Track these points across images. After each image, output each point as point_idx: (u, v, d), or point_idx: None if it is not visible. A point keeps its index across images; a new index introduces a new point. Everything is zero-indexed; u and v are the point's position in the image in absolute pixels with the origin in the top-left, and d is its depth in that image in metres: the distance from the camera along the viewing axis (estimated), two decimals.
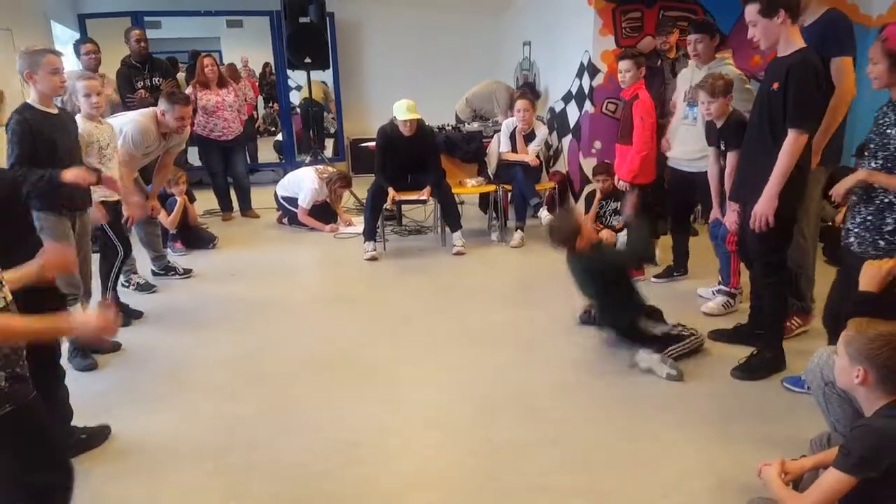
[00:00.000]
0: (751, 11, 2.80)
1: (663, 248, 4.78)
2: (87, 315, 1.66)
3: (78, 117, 3.50)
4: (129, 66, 6.02)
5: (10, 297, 1.68)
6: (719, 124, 3.52)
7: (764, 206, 2.83)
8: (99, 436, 2.66)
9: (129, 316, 3.93)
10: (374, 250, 5.19)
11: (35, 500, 1.78)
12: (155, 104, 5.90)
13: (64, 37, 7.26)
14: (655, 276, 4.51)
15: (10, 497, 1.78)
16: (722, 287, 3.97)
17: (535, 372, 3.23)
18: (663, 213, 5.21)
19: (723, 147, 3.49)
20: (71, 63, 6.66)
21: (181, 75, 7.27)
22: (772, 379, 3.05)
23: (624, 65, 4.36)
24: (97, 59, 5.56)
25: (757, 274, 3.17)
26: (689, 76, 4.09)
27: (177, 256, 5.21)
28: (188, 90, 6.09)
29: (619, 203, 5.12)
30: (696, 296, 4.13)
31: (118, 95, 5.92)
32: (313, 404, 2.96)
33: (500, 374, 3.22)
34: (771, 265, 3.02)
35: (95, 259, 3.68)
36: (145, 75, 6.00)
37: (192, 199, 5.59)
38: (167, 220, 5.18)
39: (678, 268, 4.49)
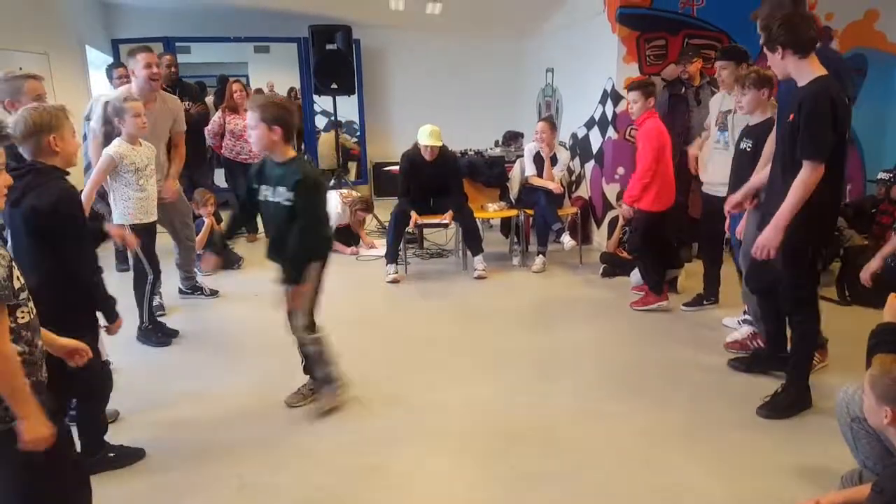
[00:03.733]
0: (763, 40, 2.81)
1: (691, 275, 4.73)
2: (41, 425, 1.61)
3: (116, 142, 3.59)
4: None
5: (34, 312, 1.70)
6: (753, 121, 3.47)
7: (768, 238, 2.75)
8: (131, 457, 2.65)
9: (167, 335, 3.97)
10: (396, 273, 5.21)
11: None
12: (187, 128, 6.08)
13: (98, 61, 7.46)
14: (685, 305, 4.45)
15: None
16: (748, 316, 3.89)
17: (556, 399, 3.21)
18: (687, 239, 5.20)
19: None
20: (103, 86, 6.85)
21: (209, 99, 7.42)
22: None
23: (632, 96, 4.32)
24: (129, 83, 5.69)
25: (785, 310, 3.09)
26: (719, 101, 4.08)
27: (203, 276, 5.27)
28: (217, 114, 6.25)
29: None
30: (722, 325, 4.08)
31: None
32: (334, 427, 2.96)
33: (521, 399, 3.20)
34: (799, 301, 2.93)
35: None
36: None
37: (218, 220, 5.67)
38: (195, 240, 5.24)
39: (708, 296, 4.40)
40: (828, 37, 5.48)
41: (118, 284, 3.85)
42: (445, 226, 5.64)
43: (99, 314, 2.46)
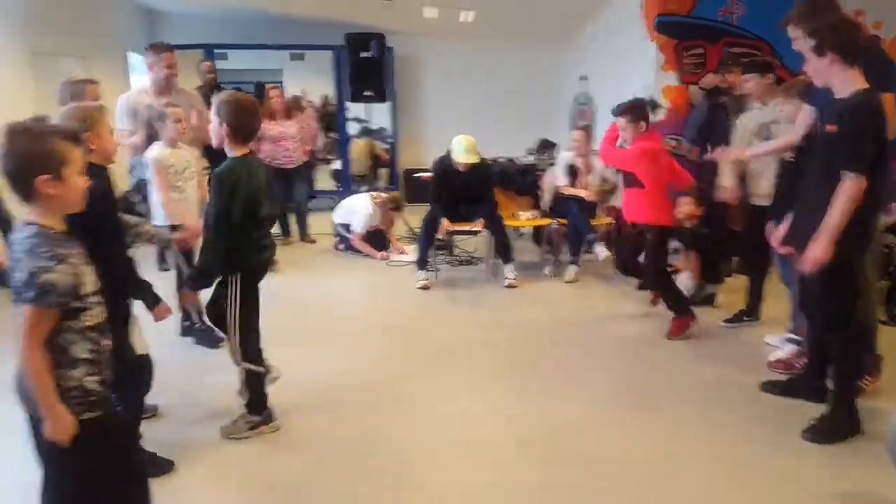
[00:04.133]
0: (802, 45, 2.72)
1: (731, 290, 4.63)
2: (65, 422, 1.67)
3: (157, 145, 3.65)
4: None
5: (104, 315, 1.76)
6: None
7: (816, 252, 2.66)
8: (159, 468, 2.60)
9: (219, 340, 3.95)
10: (426, 279, 5.20)
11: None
12: None
13: (140, 66, 7.61)
14: (725, 321, 4.32)
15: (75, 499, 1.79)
16: (792, 335, 3.75)
17: (584, 413, 3.14)
18: (726, 253, 5.08)
19: None
20: None
21: None
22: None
23: (620, 122, 4.06)
24: None
25: (821, 328, 3.00)
26: (755, 117, 3.99)
27: None
28: None
29: (680, 242, 5.02)
30: (764, 343, 3.96)
31: (209, 119, 6.17)
32: (359, 430, 2.95)
33: (549, 411, 3.15)
34: (835, 318, 2.84)
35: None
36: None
37: None
38: None
39: (750, 312, 4.27)
40: (876, 46, 5.34)
41: (160, 284, 3.93)
42: (476, 233, 5.62)
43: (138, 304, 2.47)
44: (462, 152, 5.06)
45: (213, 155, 5.86)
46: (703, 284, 4.68)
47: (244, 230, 2.69)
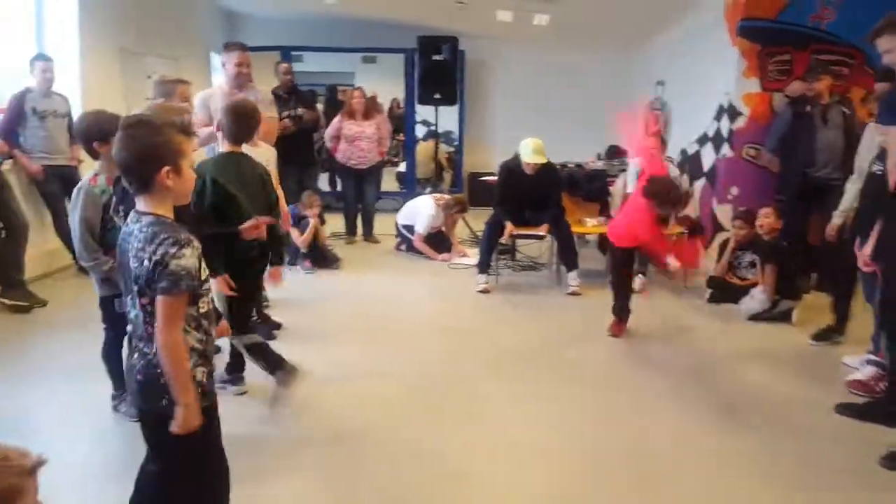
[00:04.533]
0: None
1: (812, 308, 4.42)
2: (195, 414, 1.70)
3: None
4: (276, 96, 6.40)
5: (213, 303, 1.81)
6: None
7: None
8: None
9: (272, 328, 4.07)
10: (487, 283, 5.16)
11: (203, 487, 1.86)
12: (297, 134, 6.31)
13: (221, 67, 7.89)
14: (813, 339, 4.09)
15: (181, 483, 1.83)
16: (872, 356, 3.52)
17: (650, 428, 3.02)
18: (805, 268, 4.84)
19: None
20: None
21: (319, 106, 7.67)
22: None
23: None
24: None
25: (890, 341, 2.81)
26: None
27: (305, 274, 5.47)
28: (336, 118, 6.55)
29: (757, 255, 4.82)
30: (841, 364, 3.73)
31: (278, 119, 6.34)
32: (418, 432, 2.93)
33: (612, 422, 3.04)
34: None
35: None
36: (290, 106, 6.38)
37: (322, 222, 5.84)
38: (300, 239, 5.49)
39: (840, 330, 4.03)
40: None
41: None
42: (541, 238, 5.53)
43: None
44: (530, 153, 4.99)
45: (284, 151, 6.08)
46: (777, 300, 4.47)
47: (218, 221, 2.85)
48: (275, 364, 2.98)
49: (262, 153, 3.83)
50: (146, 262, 1.60)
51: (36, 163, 4.74)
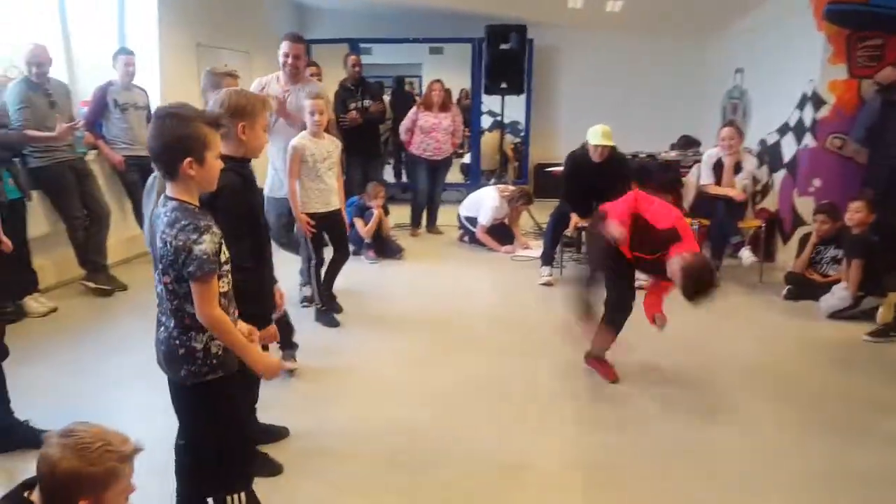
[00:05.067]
0: None
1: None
2: (269, 360, 1.95)
3: (301, 134, 3.81)
4: (344, 88, 6.51)
5: (231, 284, 1.87)
6: None
7: None
8: (275, 435, 2.70)
9: (333, 311, 4.17)
10: (550, 276, 5.08)
11: (222, 457, 1.94)
12: (364, 125, 6.37)
13: None
14: (868, 334, 3.96)
15: (202, 450, 1.96)
16: None
17: (720, 426, 2.92)
18: (893, 264, 4.56)
19: None
20: None
21: (386, 98, 7.73)
22: None
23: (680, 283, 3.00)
24: (319, 80, 6.05)
25: None
26: None
27: (369, 264, 5.52)
28: (412, 110, 6.61)
29: (840, 250, 4.57)
30: None
31: (332, 114, 6.41)
32: (475, 425, 2.92)
33: (681, 422, 2.94)
34: None
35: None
36: (357, 97, 6.44)
37: (386, 213, 5.89)
38: (364, 229, 5.57)
39: None
40: None
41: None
42: None
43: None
44: (598, 136, 4.85)
45: (350, 142, 6.14)
46: (861, 298, 4.22)
47: None
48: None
49: (326, 145, 3.89)
50: (168, 245, 1.70)
51: (118, 153, 4.93)
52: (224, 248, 1.80)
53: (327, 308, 4.13)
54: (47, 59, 4.24)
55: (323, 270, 4.06)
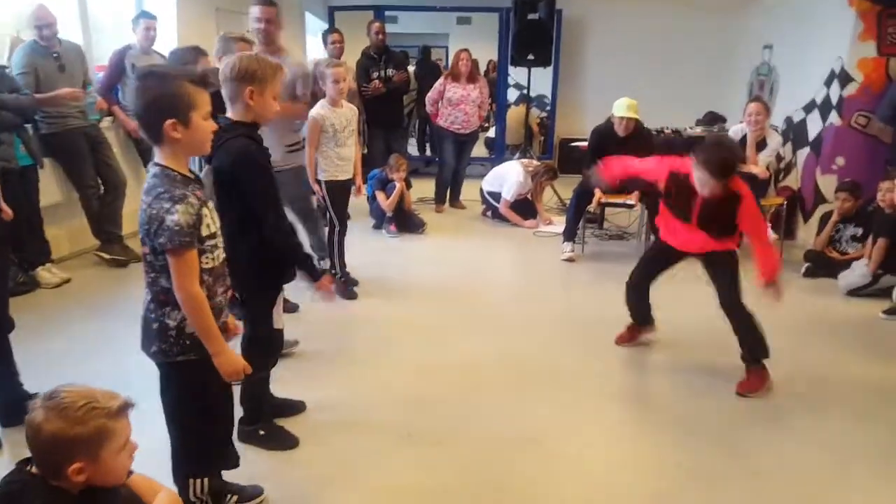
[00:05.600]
0: None
1: None
2: (234, 358, 1.79)
3: (319, 103, 3.81)
4: (367, 56, 6.47)
5: (221, 259, 1.80)
6: None
7: None
8: (292, 409, 2.72)
9: (351, 285, 4.20)
10: (573, 251, 5.12)
11: (196, 446, 1.91)
12: (387, 95, 6.35)
13: (314, 27, 8.08)
14: (885, 312, 4.00)
15: (172, 432, 1.90)
16: None
17: (733, 401, 2.98)
18: None
19: None
20: (317, 50, 7.39)
21: (411, 68, 7.69)
22: None
23: (701, 176, 2.91)
24: (341, 48, 6.05)
25: None
26: None
27: (390, 238, 5.59)
28: (439, 81, 6.41)
29: (860, 228, 4.56)
30: None
31: (354, 83, 6.43)
32: (494, 399, 2.97)
33: (694, 398, 3.01)
34: None
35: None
36: (381, 66, 6.42)
37: (408, 186, 5.90)
38: (385, 202, 5.59)
39: None
40: None
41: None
42: (631, 206, 5.41)
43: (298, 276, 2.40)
44: (623, 108, 4.85)
45: (373, 112, 6.13)
46: (880, 275, 4.23)
47: None
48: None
49: (344, 113, 3.87)
50: (143, 213, 1.65)
51: (134, 120, 4.98)
52: (210, 220, 1.72)
53: (346, 279, 4.17)
54: (52, 20, 4.08)
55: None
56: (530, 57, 7.45)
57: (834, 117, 5.10)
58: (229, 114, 2.21)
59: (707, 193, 2.91)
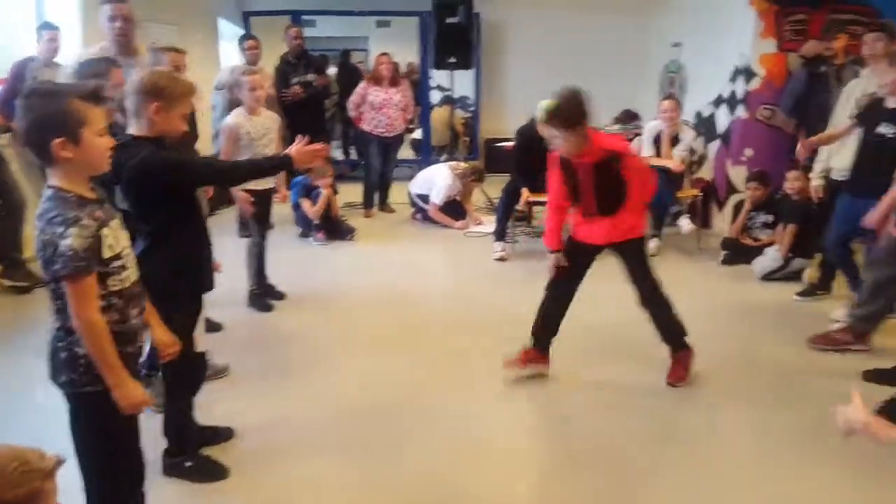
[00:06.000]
0: None
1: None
2: (133, 391, 1.68)
3: (235, 112, 3.72)
4: (286, 62, 6.37)
5: (132, 281, 1.73)
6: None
7: None
8: (219, 436, 2.60)
9: (274, 298, 4.12)
10: (504, 251, 5.18)
11: (108, 480, 1.79)
12: (307, 100, 6.26)
13: (229, 33, 7.84)
14: (798, 294, 4.23)
15: (82, 465, 1.77)
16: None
17: (660, 392, 3.07)
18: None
19: None
20: (234, 58, 7.19)
21: (331, 72, 7.60)
22: None
23: (548, 131, 2.98)
24: (258, 55, 5.92)
25: None
26: (862, 85, 3.73)
27: (318, 246, 5.48)
28: (360, 85, 6.34)
29: (771, 216, 4.82)
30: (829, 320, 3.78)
31: (273, 90, 6.30)
32: (437, 402, 2.96)
33: (625, 392, 3.09)
34: None
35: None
36: (300, 72, 6.33)
37: (335, 192, 5.79)
38: (311, 210, 5.45)
39: (823, 286, 4.19)
40: None
41: (237, 250, 4.06)
42: None
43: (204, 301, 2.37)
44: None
45: (294, 119, 6.02)
46: (790, 259, 4.48)
47: None
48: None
49: (262, 121, 3.77)
50: (38, 240, 1.56)
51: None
52: (113, 240, 1.63)
53: (262, 292, 4.05)
54: None
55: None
56: (452, 60, 7.49)
57: (741, 111, 5.37)
58: (131, 129, 2.14)
59: (567, 152, 2.87)
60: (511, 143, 5.40)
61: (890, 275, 3.17)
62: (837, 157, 3.86)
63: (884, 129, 3.28)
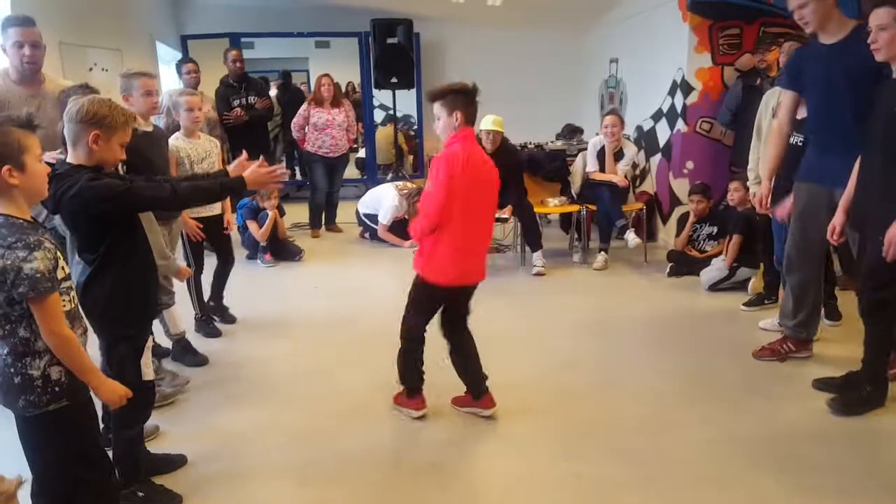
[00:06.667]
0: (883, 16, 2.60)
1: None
2: (114, 386, 1.84)
3: (174, 135, 3.63)
4: (226, 85, 6.27)
5: (76, 302, 1.82)
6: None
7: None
8: (171, 464, 2.55)
9: (227, 322, 4.08)
10: None
11: (76, 496, 1.84)
12: (249, 122, 6.17)
13: (167, 56, 7.65)
14: (745, 304, 4.30)
15: (53, 489, 1.83)
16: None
17: (617, 404, 3.08)
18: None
19: None
20: (173, 82, 7.02)
21: (273, 93, 7.49)
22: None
23: (435, 109, 2.93)
24: (197, 78, 5.79)
25: (863, 309, 2.91)
26: (778, 93, 3.86)
27: (266, 268, 5.37)
28: (303, 107, 6.31)
29: (715, 227, 4.94)
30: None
31: (216, 113, 6.16)
32: (389, 423, 2.93)
33: (583, 404, 3.09)
34: (883, 301, 2.79)
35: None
36: (241, 94, 6.23)
37: (281, 213, 5.73)
38: (258, 232, 5.37)
39: (769, 295, 4.27)
40: None
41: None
42: (504, 220, 5.54)
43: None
44: (489, 123, 4.98)
45: (237, 141, 5.92)
46: (735, 268, 4.58)
47: None
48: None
49: (201, 144, 3.72)
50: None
51: None
52: (63, 262, 1.72)
53: (206, 318, 3.98)
54: None
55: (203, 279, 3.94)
56: (393, 80, 7.50)
57: (681, 124, 5.51)
58: (69, 157, 2.09)
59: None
60: None
61: (806, 276, 3.28)
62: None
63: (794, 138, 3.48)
